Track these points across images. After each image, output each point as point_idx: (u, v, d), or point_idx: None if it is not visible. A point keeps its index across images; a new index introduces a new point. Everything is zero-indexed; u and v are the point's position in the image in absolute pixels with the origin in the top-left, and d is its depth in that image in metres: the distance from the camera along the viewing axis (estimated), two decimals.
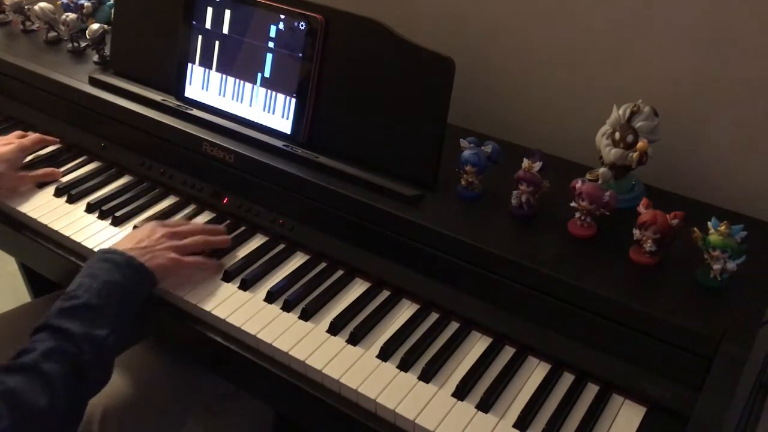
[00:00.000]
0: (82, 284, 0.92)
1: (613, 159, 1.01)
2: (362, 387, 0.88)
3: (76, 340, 0.86)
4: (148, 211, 1.18)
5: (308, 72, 1.12)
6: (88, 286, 0.91)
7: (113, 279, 0.93)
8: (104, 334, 0.88)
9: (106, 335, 0.88)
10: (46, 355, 0.84)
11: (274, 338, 0.95)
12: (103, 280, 0.92)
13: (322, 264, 1.08)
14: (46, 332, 0.86)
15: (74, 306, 0.89)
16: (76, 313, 0.88)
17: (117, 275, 0.94)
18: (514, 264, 0.93)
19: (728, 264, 0.87)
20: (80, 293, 0.90)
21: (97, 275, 0.93)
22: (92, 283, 0.91)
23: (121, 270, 0.95)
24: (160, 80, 1.29)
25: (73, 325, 0.87)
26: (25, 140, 1.26)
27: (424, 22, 1.33)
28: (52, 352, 0.84)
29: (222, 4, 1.18)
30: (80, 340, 0.86)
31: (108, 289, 0.92)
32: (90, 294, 0.90)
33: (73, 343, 0.85)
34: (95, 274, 0.93)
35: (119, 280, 0.94)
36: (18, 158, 1.23)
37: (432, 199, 1.05)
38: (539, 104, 1.28)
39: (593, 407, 0.86)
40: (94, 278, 0.92)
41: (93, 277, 0.93)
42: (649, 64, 1.14)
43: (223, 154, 1.15)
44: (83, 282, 0.92)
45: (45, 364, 0.83)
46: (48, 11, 1.45)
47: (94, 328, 0.88)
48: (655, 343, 0.85)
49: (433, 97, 1.04)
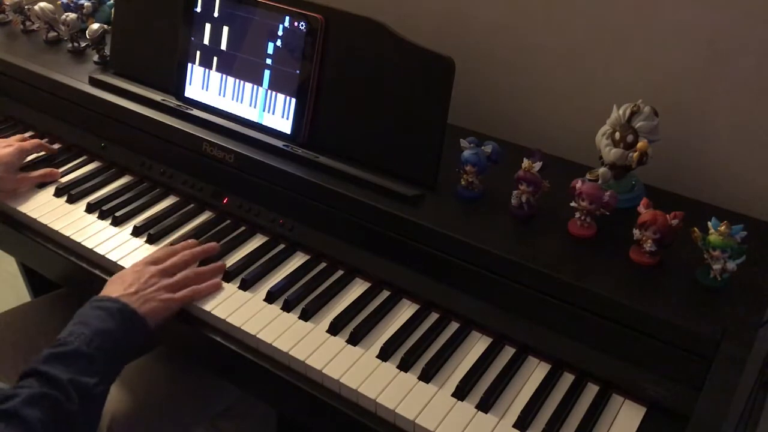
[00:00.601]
0: (73, 332, 0.89)
1: (613, 159, 1.01)
2: (362, 387, 0.88)
3: (63, 386, 0.83)
4: (148, 211, 1.18)
5: (308, 72, 1.12)
6: (79, 333, 0.89)
7: (105, 327, 0.91)
8: (93, 383, 0.86)
9: (94, 384, 0.86)
10: (29, 401, 0.80)
11: (274, 338, 0.95)
12: (95, 328, 0.90)
13: (322, 264, 1.08)
14: (32, 378, 0.84)
15: (64, 353, 0.86)
16: (65, 359, 0.86)
17: (110, 323, 0.91)
18: (514, 264, 0.93)
19: (728, 264, 0.87)
20: (71, 340, 0.88)
21: (89, 323, 0.90)
22: (84, 331, 0.89)
23: (114, 318, 0.92)
24: (160, 80, 1.29)
25: (60, 372, 0.84)
26: (24, 143, 1.26)
27: (424, 22, 1.33)
28: (37, 398, 0.81)
29: (222, 4, 1.18)
30: (67, 387, 0.83)
31: (99, 337, 0.89)
32: (81, 342, 0.88)
33: (60, 390, 0.83)
34: (87, 322, 0.91)
35: (111, 329, 0.91)
36: (17, 160, 1.23)
37: (432, 199, 1.05)
38: (539, 104, 1.28)
39: (593, 407, 0.86)
40: (86, 326, 0.90)
41: (85, 324, 0.90)
42: (649, 64, 1.14)
43: (223, 154, 1.15)
44: (74, 330, 0.89)
45: (27, 410, 0.80)
46: (48, 11, 1.45)
47: (82, 376, 0.85)
48: (655, 343, 0.85)
49: (433, 97, 1.04)
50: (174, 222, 1.15)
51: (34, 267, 1.41)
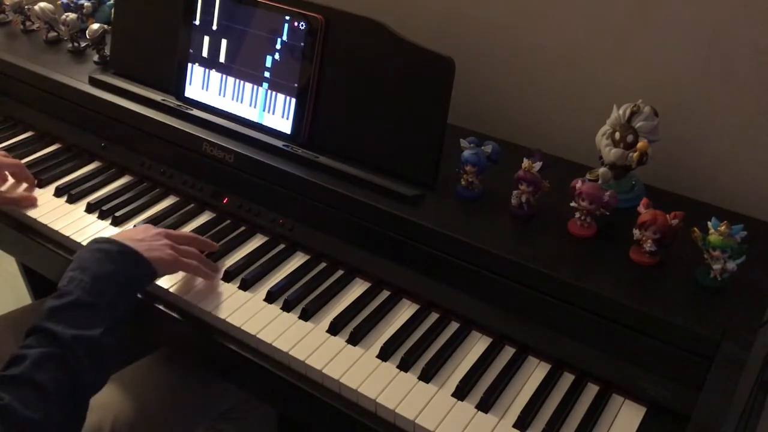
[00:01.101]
0: (72, 278, 0.88)
1: (613, 159, 1.01)
2: (362, 387, 0.88)
3: (68, 344, 0.82)
4: (148, 211, 1.18)
5: (308, 72, 1.12)
6: (79, 280, 0.87)
7: (105, 270, 0.89)
8: (98, 334, 0.85)
9: (99, 334, 0.85)
10: (38, 363, 0.80)
11: (274, 338, 0.95)
12: (93, 273, 0.88)
13: (322, 264, 1.08)
14: (36, 336, 0.83)
15: (64, 305, 0.85)
16: (67, 313, 0.85)
17: (109, 266, 0.89)
18: (514, 264, 0.93)
19: (728, 264, 0.87)
20: (71, 289, 0.86)
21: (88, 267, 0.89)
22: (82, 277, 0.87)
23: (114, 260, 0.90)
24: (160, 80, 1.29)
25: (63, 328, 0.83)
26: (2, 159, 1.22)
27: (424, 22, 1.33)
28: (44, 359, 0.81)
29: (222, 4, 1.18)
30: (72, 344, 0.82)
31: (99, 282, 0.87)
32: (81, 290, 0.86)
33: (65, 348, 0.82)
34: (85, 266, 0.89)
35: (111, 271, 0.89)
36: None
37: (432, 199, 1.05)
38: (539, 104, 1.28)
39: (593, 407, 0.86)
40: (84, 271, 0.88)
41: (83, 270, 0.88)
42: (649, 64, 1.14)
43: (223, 154, 1.15)
44: (74, 276, 0.88)
45: (37, 373, 0.79)
46: (48, 11, 1.45)
47: (86, 329, 0.84)
48: (655, 343, 0.85)
49: (433, 97, 1.04)
50: (174, 222, 1.15)
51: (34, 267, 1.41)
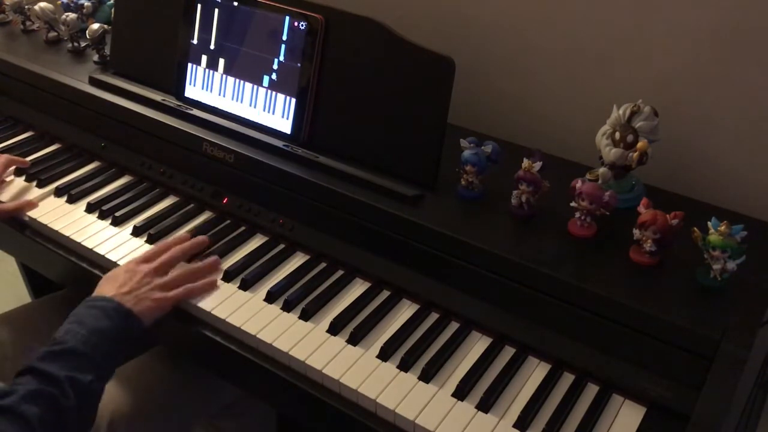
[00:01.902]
0: (69, 330, 0.90)
1: (613, 159, 1.01)
2: (362, 387, 0.88)
3: (60, 383, 0.84)
4: (148, 211, 1.18)
5: (308, 72, 1.12)
6: (76, 332, 0.90)
7: (101, 326, 0.92)
8: (89, 380, 0.87)
9: (90, 381, 0.87)
10: (27, 397, 0.82)
11: (274, 338, 0.95)
12: (90, 327, 0.91)
13: (322, 264, 1.08)
14: (29, 375, 0.85)
15: (60, 351, 0.87)
16: (62, 358, 0.87)
17: (105, 322, 0.92)
18: (514, 264, 0.93)
19: (728, 264, 0.87)
20: (67, 339, 0.89)
21: (85, 322, 0.91)
22: (79, 330, 0.90)
23: (110, 317, 0.93)
24: (160, 80, 1.29)
25: (57, 369, 0.85)
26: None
27: (424, 22, 1.33)
28: (34, 394, 0.82)
29: (222, 4, 1.18)
30: (64, 384, 0.84)
31: (95, 336, 0.90)
32: (77, 340, 0.89)
33: (57, 387, 0.84)
34: (83, 321, 0.92)
35: (107, 327, 0.92)
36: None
37: (432, 199, 1.05)
38: (539, 104, 1.28)
39: (593, 407, 0.86)
40: (82, 325, 0.91)
41: (81, 324, 0.91)
42: (649, 64, 1.14)
43: (223, 154, 1.15)
44: (70, 329, 0.90)
45: (25, 406, 0.81)
46: (48, 11, 1.45)
47: (78, 373, 0.86)
48: (655, 343, 0.85)
49: (433, 97, 1.04)
50: (174, 222, 1.15)
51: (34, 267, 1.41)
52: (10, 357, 1.23)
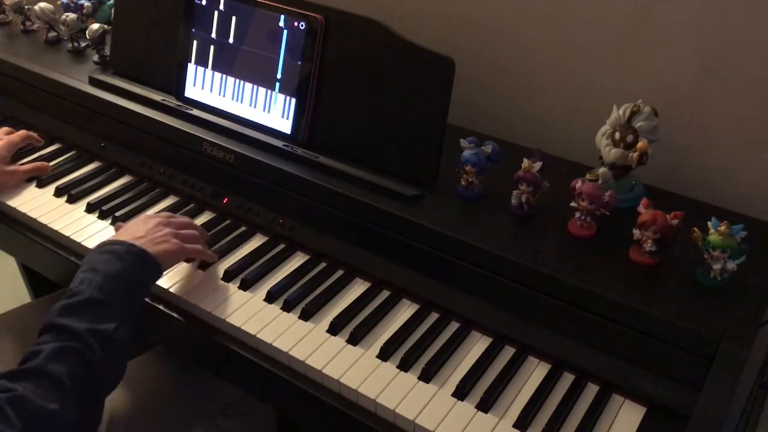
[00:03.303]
0: (83, 279, 0.89)
1: (613, 159, 1.01)
2: (362, 387, 0.88)
3: (82, 337, 0.83)
4: (148, 211, 1.18)
5: (308, 72, 1.12)
6: (90, 280, 0.88)
7: (115, 269, 0.90)
8: (111, 328, 0.86)
9: (113, 329, 0.86)
10: (53, 356, 0.81)
11: (274, 338, 0.95)
12: (104, 272, 0.89)
13: (322, 264, 1.08)
14: (50, 333, 0.84)
15: (77, 302, 0.86)
16: (79, 309, 0.85)
17: (118, 265, 0.91)
18: (514, 264, 0.93)
19: (728, 264, 0.87)
20: (82, 288, 0.87)
21: (98, 268, 0.90)
22: (94, 277, 0.88)
23: (123, 259, 0.92)
24: (160, 80, 1.29)
25: (77, 322, 0.84)
26: (12, 136, 1.26)
27: (424, 22, 1.33)
28: (59, 352, 0.81)
29: (222, 4, 1.18)
30: (87, 337, 0.83)
31: (110, 281, 0.89)
32: (92, 288, 0.87)
33: (80, 341, 0.83)
34: (95, 267, 0.90)
35: (121, 270, 0.90)
36: (6, 153, 1.23)
37: (432, 199, 1.05)
38: (539, 104, 1.28)
39: (593, 407, 0.86)
40: (95, 272, 0.89)
41: (94, 270, 0.90)
42: (649, 64, 1.14)
43: (223, 154, 1.15)
44: (84, 277, 0.89)
45: (52, 365, 0.80)
46: (48, 11, 1.45)
47: (99, 323, 0.85)
48: (655, 343, 0.85)
49: (433, 97, 1.04)
50: None
51: (34, 267, 1.41)
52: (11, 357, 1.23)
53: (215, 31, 1.20)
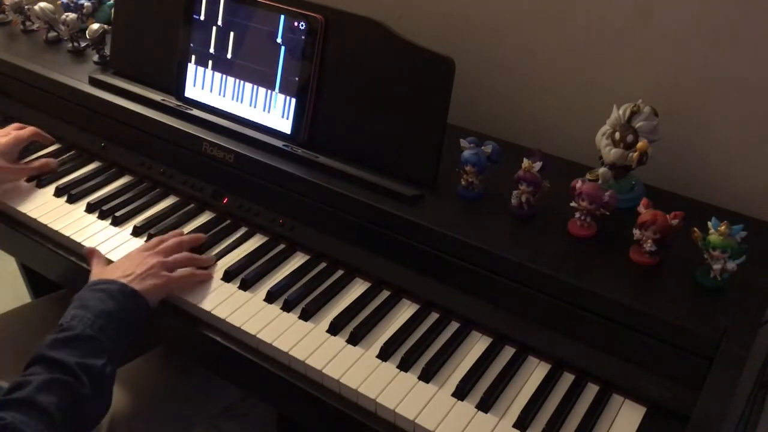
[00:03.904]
0: (75, 316, 0.89)
1: (613, 159, 1.01)
2: (362, 387, 0.88)
3: (72, 370, 0.84)
4: (148, 211, 1.18)
5: (308, 72, 1.12)
6: (82, 317, 0.89)
7: (106, 308, 0.91)
8: (101, 363, 0.86)
9: (102, 364, 0.86)
10: (42, 387, 0.81)
11: (274, 338, 0.95)
12: (96, 310, 0.90)
13: (322, 264, 1.08)
14: (41, 365, 0.84)
15: (68, 338, 0.86)
16: (71, 344, 0.86)
17: (110, 303, 0.92)
18: (514, 264, 0.93)
19: (728, 264, 0.87)
20: (74, 324, 0.88)
21: (90, 306, 0.91)
22: (85, 314, 0.89)
23: (115, 298, 0.92)
24: (160, 80, 1.29)
25: (67, 356, 0.84)
26: (21, 132, 1.26)
27: (424, 22, 1.33)
28: (49, 384, 0.82)
29: (222, 4, 1.18)
30: (76, 370, 0.84)
31: (102, 318, 0.89)
32: (84, 325, 0.88)
33: (69, 374, 0.83)
34: (88, 305, 0.91)
35: (113, 309, 0.91)
36: (14, 149, 1.23)
37: (432, 199, 1.05)
38: (539, 104, 1.28)
39: (593, 407, 0.86)
40: (87, 309, 0.90)
41: (85, 308, 0.90)
42: (649, 64, 1.14)
43: (223, 154, 1.15)
44: (76, 314, 0.90)
45: (41, 396, 0.80)
46: (48, 11, 1.45)
47: (89, 358, 0.86)
48: (655, 343, 0.85)
49: (433, 97, 1.04)
50: (174, 222, 1.15)
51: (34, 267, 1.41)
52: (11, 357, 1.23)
53: (215, 30, 1.20)
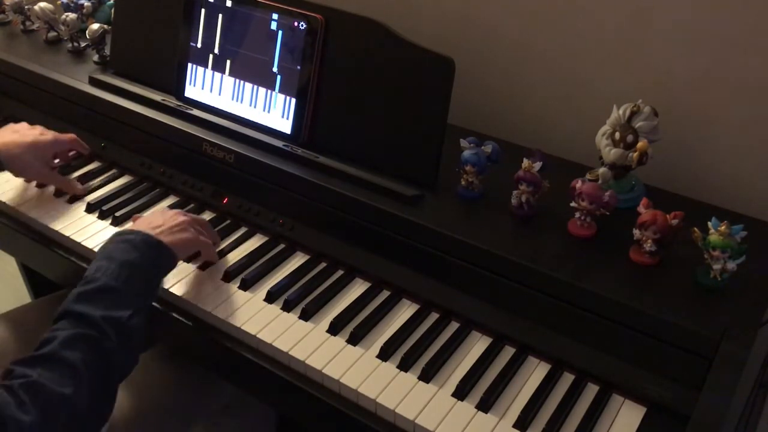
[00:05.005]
0: (99, 267, 0.89)
1: (613, 159, 1.01)
2: (362, 387, 0.88)
3: (97, 324, 0.84)
4: (148, 211, 1.18)
5: (308, 72, 1.12)
6: (106, 268, 0.89)
7: (130, 258, 0.91)
8: (126, 316, 0.86)
9: (128, 316, 0.86)
10: (67, 342, 0.81)
11: (274, 338, 0.95)
12: (120, 261, 0.90)
13: (322, 264, 1.08)
14: (66, 320, 0.84)
15: (92, 290, 0.87)
16: (95, 296, 0.86)
17: (134, 254, 0.92)
18: (514, 264, 0.93)
19: (728, 264, 0.87)
20: (98, 276, 0.88)
21: (114, 257, 0.91)
22: (109, 265, 0.89)
23: (138, 248, 0.92)
24: (160, 80, 1.29)
25: (92, 309, 0.84)
26: (62, 136, 1.23)
27: (424, 22, 1.33)
28: (73, 339, 0.82)
29: (222, 4, 1.18)
30: (101, 324, 0.84)
31: (126, 269, 0.89)
32: (108, 276, 0.88)
33: (95, 328, 0.83)
34: (111, 255, 0.91)
35: (137, 259, 0.91)
36: (50, 151, 1.21)
37: (432, 199, 1.05)
38: (539, 104, 1.28)
39: (593, 407, 0.86)
40: (111, 260, 0.90)
41: (110, 259, 0.90)
42: (649, 64, 1.14)
43: (223, 154, 1.15)
44: (100, 265, 0.90)
45: (67, 352, 0.81)
46: (48, 11, 1.45)
47: (114, 311, 0.86)
48: (655, 343, 0.85)
49: (433, 97, 1.04)
50: None
51: (34, 267, 1.41)
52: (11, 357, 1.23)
53: (215, 31, 1.20)
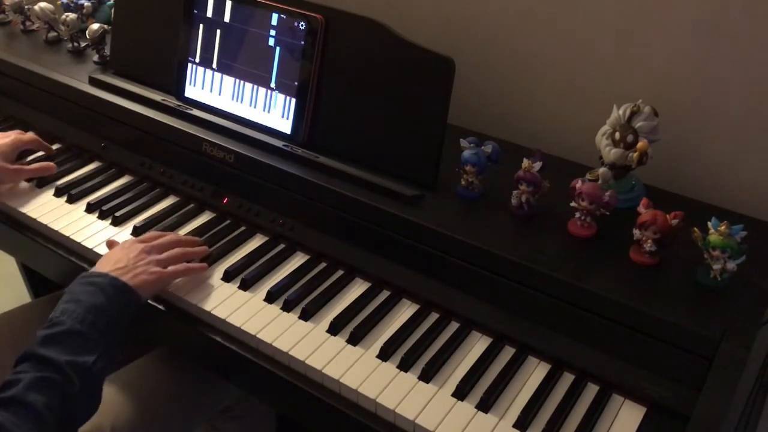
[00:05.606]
0: (65, 310, 0.89)
1: (613, 159, 1.01)
2: (362, 387, 0.88)
3: (62, 369, 0.83)
4: (148, 211, 1.18)
5: (308, 72, 1.12)
6: (72, 311, 0.88)
7: (96, 303, 0.90)
8: (90, 361, 0.85)
9: (92, 362, 0.86)
10: (31, 386, 0.81)
11: (274, 338, 0.95)
12: (86, 305, 0.89)
13: (322, 264, 1.08)
14: (29, 362, 0.84)
15: (58, 333, 0.86)
16: (60, 340, 0.85)
17: (100, 298, 0.91)
18: (514, 264, 0.93)
19: (728, 264, 0.87)
20: (63, 319, 0.87)
21: (80, 300, 0.90)
22: (76, 309, 0.88)
23: (105, 292, 0.92)
24: (160, 80, 1.29)
25: (57, 354, 0.84)
26: (22, 136, 1.26)
27: (424, 22, 1.33)
28: (37, 383, 0.81)
29: (222, 4, 1.18)
30: (65, 369, 0.83)
31: (92, 313, 0.89)
32: (73, 320, 0.87)
33: (59, 373, 0.83)
34: (78, 299, 0.90)
35: (103, 303, 0.90)
36: (12, 151, 1.23)
37: (432, 199, 1.05)
38: (539, 104, 1.28)
39: (593, 407, 0.86)
40: (78, 303, 0.89)
41: (76, 302, 0.89)
42: (649, 64, 1.14)
43: (223, 154, 1.15)
44: (66, 308, 0.89)
45: (30, 395, 0.80)
46: (48, 11, 1.45)
47: (79, 356, 0.85)
48: (655, 343, 0.85)
49: (433, 97, 1.04)
50: (174, 222, 1.15)
51: (34, 267, 1.41)
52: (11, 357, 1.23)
53: (215, 31, 1.20)
